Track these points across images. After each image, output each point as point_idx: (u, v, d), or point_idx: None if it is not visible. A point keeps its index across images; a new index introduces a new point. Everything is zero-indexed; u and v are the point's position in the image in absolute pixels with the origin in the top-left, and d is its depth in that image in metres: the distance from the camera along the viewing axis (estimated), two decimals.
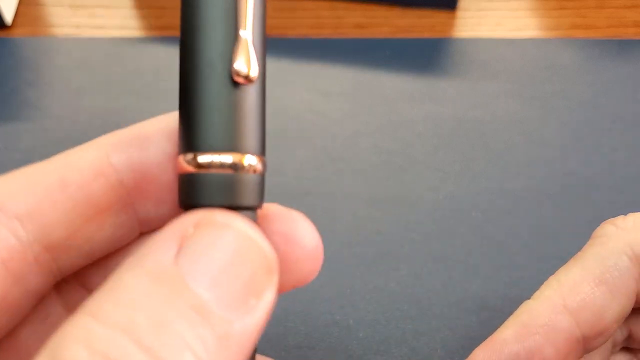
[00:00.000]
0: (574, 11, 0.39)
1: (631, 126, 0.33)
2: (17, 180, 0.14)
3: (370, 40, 0.37)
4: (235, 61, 0.13)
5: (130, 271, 0.11)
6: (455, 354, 0.25)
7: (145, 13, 0.39)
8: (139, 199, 0.15)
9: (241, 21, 0.13)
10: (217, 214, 0.12)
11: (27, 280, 0.14)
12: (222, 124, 0.13)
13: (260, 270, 0.12)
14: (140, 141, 0.15)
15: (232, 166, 0.13)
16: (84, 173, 0.14)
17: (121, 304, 0.11)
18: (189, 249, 0.12)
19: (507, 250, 0.28)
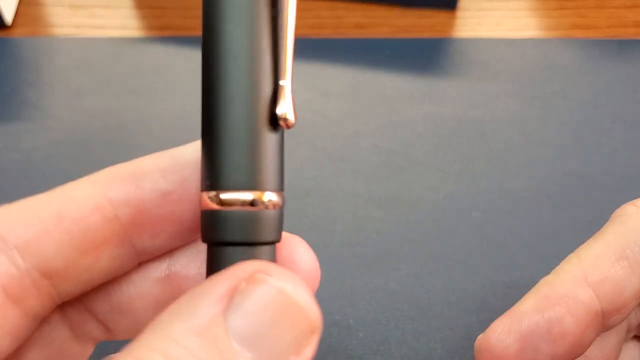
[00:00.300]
0: (574, 11, 0.39)
1: (631, 126, 0.33)
2: (16, 211, 0.15)
3: (370, 40, 0.37)
4: (278, 107, 0.13)
5: (180, 321, 0.12)
6: (455, 354, 0.25)
7: (145, 13, 0.39)
8: (134, 233, 0.15)
9: (282, 71, 0.14)
10: (271, 270, 0.13)
11: (27, 304, 0.14)
12: (248, 163, 0.13)
13: (303, 332, 0.13)
14: (136, 177, 0.15)
15: (253, 203, 0.13)
16: (80, 207, 0.15)
17: (169, 356, 0.11)
18: (239, 306, 0.12)
19: (507, 250, 0.28)
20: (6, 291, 0.14)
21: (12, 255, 0.14)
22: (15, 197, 0.33)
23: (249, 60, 0.13)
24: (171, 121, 0.33)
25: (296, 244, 0.16)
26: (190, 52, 0.36)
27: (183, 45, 0.37)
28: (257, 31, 0.13)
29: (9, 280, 0.14)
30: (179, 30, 0.38)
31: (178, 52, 0.36)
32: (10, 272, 0.14)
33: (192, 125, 0.33)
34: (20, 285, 0.14)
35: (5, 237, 0.14)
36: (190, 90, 0.35)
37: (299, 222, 0.29)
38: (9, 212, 0.15)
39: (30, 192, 0.33)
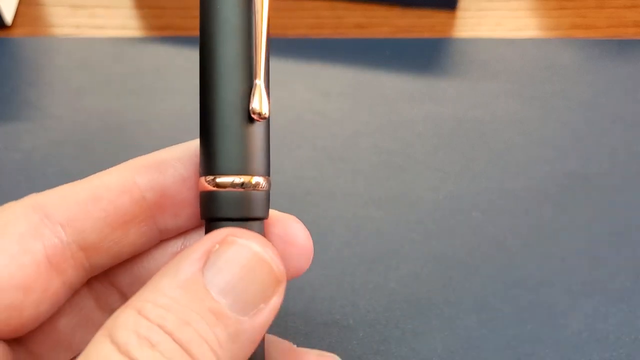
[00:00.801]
0: (574, 11, 0.39)
1: (631, 126, 0.33)
2: (59, 193, 0.17)
3: (370, 40, 0.37)
4: (252, 103, 0.16)
5: (167, 277, 0.15)
6: (455, 354, 0.25)
7: (145, 13, 0.39)
8: (158, 213, 0.18)
9: (257, 72, 0.16)
10: (239, 233, 0.15)
11: (66, 274, 0.17)
12: (237, 152, 0.16)
13: (269, 282, 0.15)
14: (160, 165, 0.18)
15: (243, 185, 0.16)
16: (113, 190, 0.17)
17: (158, 304, 0.14)
18: (213, 263, 0.15)
19: (507, 250, 0.28)
20: (50, 260, 0.16)
21: (57, 230, 0.17)
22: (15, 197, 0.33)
23: (229, 65, 0.16)
24: (171, 121, 0.33)
25: (290, 221, 0.18)
26: (190, 52, 0.36)
27: (183, 45, 0.37)
28: (234, 41, 0.16)
29: (54, 251, 0.16)
30: (179, 30, 0.38)
31: (178, 52, 0.36)
32: (54, 244, 0.17)
33: (192, 125, 0.33)
34: (62, 256, 0.17)
35: (51, 214, 0.17)
36: (190, 90, 0.34)
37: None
38: (53, 194, 0.17)
39: (31, 192, 0.33)
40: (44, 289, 0.16)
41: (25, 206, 0.17)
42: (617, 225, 0.29)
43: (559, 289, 0.27)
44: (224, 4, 0.16)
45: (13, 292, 0.16)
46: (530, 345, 0.25)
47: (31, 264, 0.16)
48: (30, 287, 0.16)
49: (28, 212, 0.17)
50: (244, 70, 0.16)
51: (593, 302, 0.27)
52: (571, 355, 0.25)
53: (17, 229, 0.16)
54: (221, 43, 0.16)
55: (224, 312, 0.14)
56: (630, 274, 0.27)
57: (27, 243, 0.16)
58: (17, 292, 0.16)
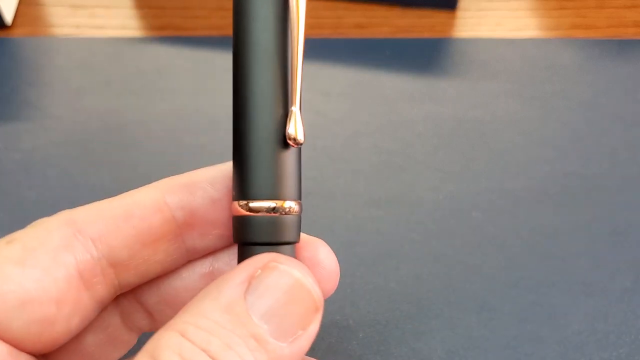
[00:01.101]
0: (574, 11, 0.39)
1: (631, 126, 0.33)
2: (92, 210, 0.17)
3: (370, 40, 0.37)
4: (288, 129, 0.16)
5: (209, 300, 0.15)
6: (456, 354, 0.25)
7: (145, 13, 0.39)
8: (186, 232, 0.18)
9: (293, 98, 0.16)
10: (281, 260, 0.16)
11: (95, 289, 0.17)
12: (271, 177, 0.16)
13: (308, 310, 0.15)
14: (191, 186, 0.18)
15: (276, 210, 0.16)
16: (144, 208, 0.18)
17: (201, 327, 0.14)
18: (255, 287, 0.15)
19: (507, 250, 0.28)
20: (81, 275, 0.17)
21: (88, 245, 0.17)
22: (15, 197, 0.33)
23: (265, 91, 0.16)
24: (171, 121, 0.33)
25: (319, 245, 0.19)
26: (190, 52, 0.36)
27: (183, 45, 0.37)
28: (270, 67, 0.16)
29: (85, 266, 0.17)
30: (179, 30, 0.38)
31: (178, 52, 0.36)
32: (86, 259, 0.17)
33: (192, 125, 0.33)
34: (92, 272, 0.17)
35: (83, 230, 0.17)
36: (190, 90, 0.34)
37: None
38: (86, 210, 0.17)
39: (31, 192, 0.33)
40: (75, 303, 0.17)
41: (59, 221, 0.17)
42: (617, 225, 0.29)
43: (559, 289, 0.27)
44: (260, 29, 0.16)
45: (46, 305, 0.16)
46: (530, 345, 0.25)
47: (63, 278, 0.16)
48: (62, 300, 0.16)
49: (61, 226, 0.17)
50: (280, 96, 0.16)
51: (593, 302, 0.27)
52: (571, 355, 0.25)
53: (50, 243, 0.16)
54: (257, 68, 0.16)
55: (265, 338, 0.14)
56: (630, 274, 0.27)
57: (60, 257, 0.16)
58: (50, 305, 0.16)
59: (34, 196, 0.30)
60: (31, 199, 0.30)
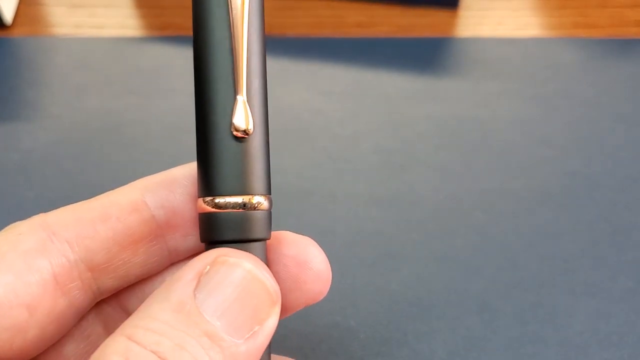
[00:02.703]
0: (576, 10, 0.39)
1: (633, 125, 0.33)
2: (68, 212, 0.17)
3: (371, 40, 0.37)
4: (233, 119, 0.15)
5: (158, 303, 0.14)
6: (457, 355, 0.25)
7: (145, 12, 0.39)
8: (168, 232, 0.18)
9: (239, 87, 0.16)
10: (230, 253, 0.15)
11: (72, 295, 0.17)
12: (231, 171, 0.15)
13: (263, 303, 0.15)
14: (169, 184, 0.18)
15: (242, 206, 0.15)
16: (122, 208, 0.17)
17: (150, 329, 0.14)
18: (205, 285, 0.14)
19: (508, 250, 0.28)
20: (57, 279, 0.16)
21: (64, 248, 0.16)
22: (15, 197, 0.33)
23: (211, 82, 0.16)
24: (171, 121, 0.33)
25: (306, 243, 0.18)
26: (190, 52, 0.36)
27: (183, 45, 0.37)
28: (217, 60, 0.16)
29: (60, 270, 0.16)
30: (179, 29, 0.38)
31: (178, 51, 0.36)
32: (61, 262, 0.16)
33: (191, 125, 0.33)
34: (69, 275, 0.16)
35: (58, 232, 0.16)
36: (190, 90, 0.34)
37: (300, 223, 0.29)
38: (61, 212, 0.17)
39: (30, 192, 0.33)
40: (49, 309, 0.16)
41: (32, 224, 0.16)
42: (619, 225, 0.29)
43: (561, 289, 0.27)
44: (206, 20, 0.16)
45: (17, 311, 0.15)
46: (532, 346, 0.25)
47: (37, 282, 0.16)
48: (35, 306, 0.16)
49: (35, 229, 0.16)
50: (225, 85, 0.16)
51: (595, 302, 0.27)
52: (573, 356, 0.25)
53: (23, 246, 0.16)
54: (204, 60, 0.16)
55: (220, 335, 0.14)
56: (632, 275, 0.27)
57: (33, 260, 0.16)
58: (22, 310, 0.15)
59: (33, 196, 0.30)
60: (30, 198, 0.30)
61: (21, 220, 0.17)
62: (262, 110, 0.16)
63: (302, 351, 0.25)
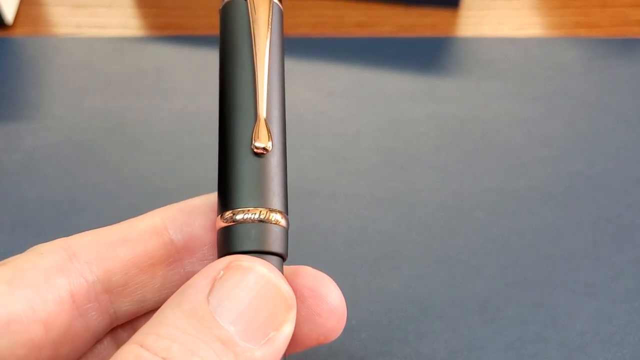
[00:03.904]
0: (578, 10, 0.39)
1: (635, 125, 0.33)
2: (89, 235, 0.17)
3: (373, 40, 0.37)
4: (254, 137, 0.16)
5: (170, 308, 0.14)
6: (458, 354, 0.25)
7: (146, 12, 0.39)
8: (186, 256, 0.18)
9: (259, 107, 0.16)
10: (243, 258, 0.15)
11: (89, 316, 0.17)
12: (250, 185, 0.16)
13: (279, 307, 0.15)
14: (190, 211, 0.18)
15: (260, 220, 0.16)
16: (142, 232, 0.17)
17: (162, 336, 0.13)
18: (219, 289, 0.14)
19: (510, 250, 0.28)
20: (74, 299, 0.16)
21: (82, 269, 0.16)
22: (16, 197, 0.33)
23: (234, 100, 0.17)
24: (172, 121, 0.33)
25: (325, 280, 0.18)
26: (191, 52, 0.36)
27: (184, 45, 0.37)
28: (239, 79, 0.17)
29: (78, 289, 0.16)
30: (180, 29, 0.38)
31: (179, 51, 0.36)
32: (79, 282, 0.16)
33: (193, 124, 0.33)
34: (86, 296, 0.16)
35: (78, 254, 0.17)
36: (191, 90, 0.34)
37: (301, 223, 0.29)
38: (83, 235, 0.17)
39: (32, 192, 0.33)
40: (65, 328, 0.16)
41: (54, 245, 0.17)
42: (621, 225, 0.29)
43: (562, 289, 0.27)
44: (230, 40, 0.17)
45: (34, 327, 0.15)
46: (533, 346, 0.25)
47: (54, 300, 0.16)
48: (52, 324, 0.16)
49: (56, 250, 0.16)
50: (248, 103, 0.17)
51: (597, 303, 0.27)
52: (575, 356, 0.25)
53: (42, 264, 0.16)
54: (228, 78, 0.17)
55: (234, 340, 0.14)
56: (634, 275, 0.27)
57: (52, 278, 0.16)
58: (39, 327, 0.15)
59: (35, 196, 0.30)
60: (32, 199, 0.30)
61: (21, 219, 0.17)
62: (282, 130, 0.17)
63: (303, 351, 0.25)
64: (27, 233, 0.29)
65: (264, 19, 0.17)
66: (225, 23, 0.18)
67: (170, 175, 0.31)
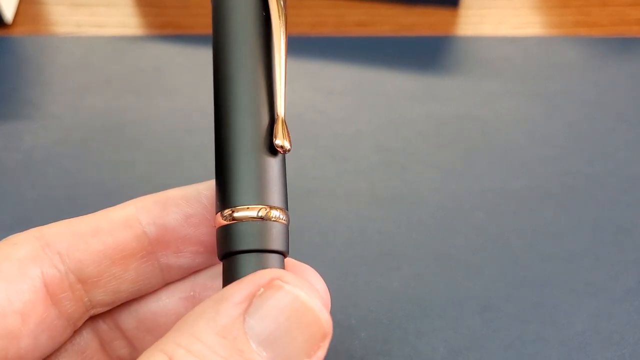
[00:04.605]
0: (577, 9, 0.39)
1: (635, 124, 0.33)
2: (63, 225, 0.17)
3: (372, 39, 0.37)
4: (276, 137, 0.16)
5: (204, 322, 0.13)
6: (458, 354, 0.25)
7: (146, 11, 0.39)
8: (160, 249, 0.18)
9: (278, 105, 0.16)
10: (286, 277, 0.14)
11: (64, 305, 0.17)
12: (257, 184, 0.16)
13: (315, 336, 0.14)
14: (164, 202, 0.18)
15: (261, 217, 0.15)
16: (114, 223, 0.17)
17: (192, 351, 0.13)
18: (257, 309, 0.14)
19: (509, 249, 0.28)
20: (48, 288, 0.16)
21: (55, 259, 0.17)
22: (16, 196, 0.33)
23: (249, 99, 0.16)
24: (172, 120, 0.33)
25: (306, 270, 0.18)
26: (191, 51, 0.36)
27: (184, 44, 0.37)
28: (255, 77, 0.16)
29: (51, 279, 0.16)
30: (180, 28, 0.38)
31: (179, 50, 0.36)
32: (52, 272, 0.16)
33: (193, 124, 0.33)
34: (59, 285, 0.16)
35: (51, 243, 0.17)
36: (191, 89, 0.34)
37: (301, 222, 0.29)
38: (57, 225, 0.17)
39: (31, 192, 0.33)
40: (41, 317, 0.16)
41: (27, 235, 0.17)
42: (621, 224, 0.29)
43: (562, 289, 0.27)
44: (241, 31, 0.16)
45: (11, 318, 0.15)
46: (533, 346, 0.25)
47: (29, 290, 0.16)
48: (28, 313, 0.16)
49: (29, 240, 0.16)
50: (265, 101, 0.16)
51: (597, 302, 0.27)
52: (574, 355, 0.25)
53: (16, 255, 0.16)
54: (240, 73, 0.16)
55: None
56: (634, 274, 0.27)
57: (25, 268, 0.16)
58: (16, 318, 0.15)
59: (35, 195, 0.30)
60: (31, 198, 0.30)
61: (21, 218, 0.18)
62: None
63: None
64: None
65: (276, 7, 0.17)
66: (226, 12, 0.17)
67: (169, 174, 0.31)
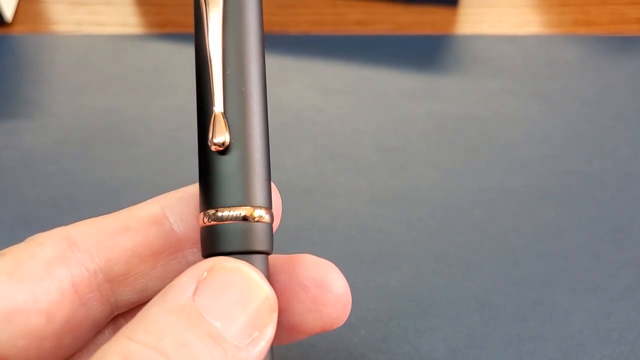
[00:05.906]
0: (577, 8, 0.39)
1: (634, 123, 0.33)
2: (89, 224, 0.17)
3: (372, 37, 0.37)
4: (209, 132, 0.16)
5: (157, 306, 0.14)
6: (457, 352, 0.25)
7: (145, 10, 0.39)
8: (187, 246, 0.18)
9: (212, 99, 0.16)
10: (227, 260, 0.15)
11: (91, 305, 0.17)
12: (228, 184, 0.15)
13: (262, 309, 0.15)
14: (189, 198, 0.18)
15: (243, 218, 0.15)
16: (142, 221, 0.17)
17: (150, 331, 0.13)
18: (204, 289, 0.14)
19: (508, 248, 0.28)
20: (75, 289, 0.16)
21: (83, 258, 0.16)
22: (16, 195, 0.33)
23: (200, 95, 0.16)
24: (172, 119, 0.33)
25: (329, 268, 0.18)
26: (190, 49, 0.36)
27: (183, 42, 0.37)
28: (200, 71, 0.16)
29: (80, 279, 0.16)
30: (180, 27, 0.38)
31: (178, 49, 0.36)
32: (81, 272, 0.16)
33: (192, 123, 0.33)
34: (87, 285, 0.16)
35: (78, 243, 0.16)
36: (190, 88, 0.34)
37: (300, 220, 0.29)
38: (82, 224, 0.17)
39: (31, 190, 0.33)
40: (67, 318, 0.16)
41: (53, 235, 0.16)
42: (620, 223, 0.29)
43: (561, 287, 0.27)
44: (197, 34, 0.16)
45: (35, 317, 0.15)
46: (532, 344, 0.25)
47: (56, 290, 0.16)
48: (53, 314, 0.16)
49: (55, 239, 0.16)
50: (206, 97, 0.16)
51: (595, 300, 0.27)
52: (573, 353, 0.25)
53: (43, 255, 0.16)
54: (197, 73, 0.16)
55: (222, 336, 0.14)
56: (632, 272, 0.27)
57: (52, 268, 0.16)
58: (40, 317, 0.15)
59: (35, 194, 0.30)
60: (32, 196, 0.30)
61: (21, 217, 0.17)
62: (250, 120, 0.16)
63: (302, 348, 0.25)
64: (26, 231, 0.29)
65: None
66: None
67: (169, 173, 0.31)
